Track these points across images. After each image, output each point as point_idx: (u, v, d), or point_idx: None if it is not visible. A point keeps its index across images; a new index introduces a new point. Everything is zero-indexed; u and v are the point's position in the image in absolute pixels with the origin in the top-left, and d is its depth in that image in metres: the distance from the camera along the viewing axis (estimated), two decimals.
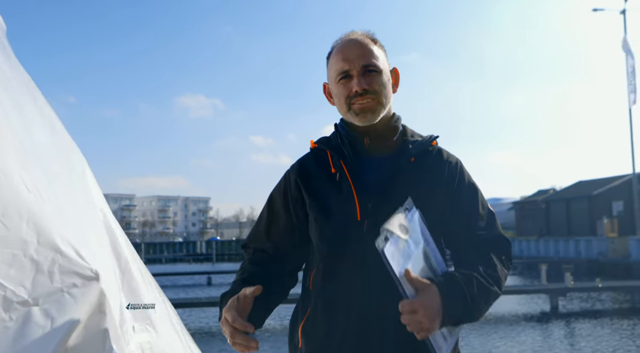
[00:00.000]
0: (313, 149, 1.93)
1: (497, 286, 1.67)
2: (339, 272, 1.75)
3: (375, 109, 1.79)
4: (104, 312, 1.13)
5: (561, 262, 30.18)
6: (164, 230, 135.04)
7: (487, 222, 1.80)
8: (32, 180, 1.28)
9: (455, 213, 1.78)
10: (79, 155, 1.70)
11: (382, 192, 1.74)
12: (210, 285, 29.63)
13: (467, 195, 1.82)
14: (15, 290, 1.08)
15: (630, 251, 31.00)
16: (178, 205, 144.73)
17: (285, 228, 1.89)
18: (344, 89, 1.80)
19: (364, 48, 1.81)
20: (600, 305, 19.15)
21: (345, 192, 1.77)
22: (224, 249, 68.05)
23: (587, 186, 45.46)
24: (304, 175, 1.86)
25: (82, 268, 1.15)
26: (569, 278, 18.38)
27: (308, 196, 1.83)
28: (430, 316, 1.50)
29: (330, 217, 1.78)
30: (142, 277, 1.56)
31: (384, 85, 1.81)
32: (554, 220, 47.07)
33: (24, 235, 1.14)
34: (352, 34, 1.86)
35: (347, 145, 1.83)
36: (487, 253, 1.72)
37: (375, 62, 1.80)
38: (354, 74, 1.78)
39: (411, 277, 1.52)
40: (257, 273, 1.84)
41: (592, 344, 12.44)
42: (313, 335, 1.79)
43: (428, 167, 1.80)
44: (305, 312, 1.82)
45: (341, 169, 1.80)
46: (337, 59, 1.82)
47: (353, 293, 1.70)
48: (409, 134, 1.87)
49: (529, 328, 14.76)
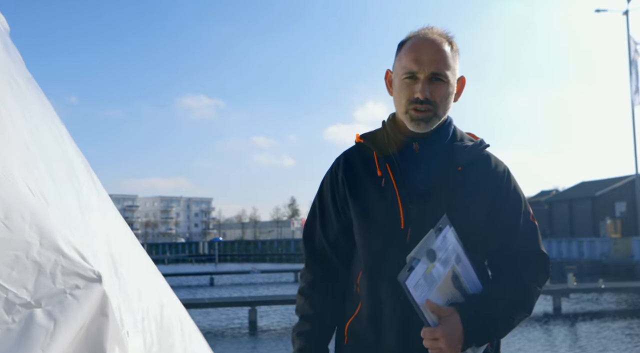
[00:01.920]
0: (358, 143, 1.87)
1: (525, 308, 1.70)
2: (384, 280, 1.74)
3: (430, 119, 1.74)
4: (106, 314, 1.13)
5: (564, 262, 30.17)
6: (167, 231, 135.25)
7: (528, 236, 1.78)
8: (36, 182, 1.28)
9: (498, 226, 1.76)
10: (80, 156, 1.70)
11: (426, 200, 1.72)
12: (212, 285, 29.66)
13: (512, 207, 1.79)
14: (17, 292, 1.08)
15: (633, 252, 30.95)
16: (180, 205, 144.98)
17: (337, 225, 1.87)
18: (407, 90, 1.74)
19: (439, 53, 1.73)
20: (603, 305, 19.12)
21: (390, 199, 1.74)
22: (226, 250, 68.17)
23: (590, 187, 45.40)
24: (350, 175, 1.83)
25: (84, 269, 1.15)
26: (572, 279, 18.37)
27: (352, 199, 1.81)
28: (451, 344, 1.55)
29: (374, 224, 1.76)
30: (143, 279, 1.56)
31: (445, 97, 1.75)
32: (556, 221, 47.01)
33: (26, 237, 1.14)
34: (431, 32, 1.78)
35: (394, 147, 1.79)
36: (522, 271, 1.72)
37: (445, 71, 1.73)
38: (421, 78, 1.71)
39: (432, 306, 1.56)
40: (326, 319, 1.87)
41: (595, 345, 12.42)
42: (360, 338, 1.80)
43: (475, 176, 1.77)
44: (353, 311, 1.82)
45: (387, 173, 1.76)
46: (408, 56, 1.74)
47: (397, 302, 1.70)
48: (458, 138, 1.82)
49: (532, 328, 14.74)
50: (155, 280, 1.83)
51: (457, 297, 1.63)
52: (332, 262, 1.88)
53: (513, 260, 1.74)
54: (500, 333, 1.69)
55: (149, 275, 1.81)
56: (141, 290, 1.50)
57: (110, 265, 1.34)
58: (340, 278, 1.88)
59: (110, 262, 1.35)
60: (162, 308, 1.63)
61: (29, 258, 1.10)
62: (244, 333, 14.85)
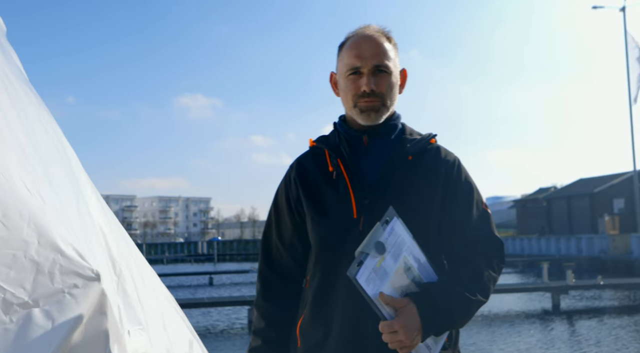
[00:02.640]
0: (312, 147, 1.93)
1: (482, 293, 1.68)
2: (336, 271, 1.74)
3: (379, 109, 1.79)
4: (105, 313, 1.13)
5: (563, 259, 30.19)
6: (165, 231, 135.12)
7: (481, 224, 1.80)
8: (33, 181, 1.27)
9: (450, 214, 1.78)
10: (75, 158, 1.70)
11: (378, 190, 1.75)
12: (212, 285, 29.64)
13: (463, 195, 1.82)
14: (15, 292, 1.07)
15: (632, 248, 30.99)
16: (179, 205, 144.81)
17: (292, 227, 1.89)
18: (353, 86, 1.79)
19: (379, 47, 1.80)
20: (602, 302, 19.14)
21: (342, 191, 1.77)
22: (225, 249, 68.08)
23: (588, 184, 45.45)
24: (303, 175, 1.87)
25: (82, 268, 1.15)
26: (570, 276, 18.39)
27: (305, 195, 1.84)
28: (410, 334, 1.54)
29: (326, 216, 1.78)
30: (141, 280, 1.56)
31: (391, 87, 1.81)
32: (555, 218, 47.06)
33: (24, 236, 1.14)
34: (368, 29, 1.84)
35: (344, 143, 1.83)
36: (477, 258, 1.73)
37: (387, 63, 1.79)
38: (365, 72, 1.78)
39: (386, 299, 1.54)
40: (278, 326, 1.86)
41: (594, 341, 12.44)
42: (310, 336, 1.79)
43: (426, 165, 1.80)
44: (302, 311, 1.82)
45: (338, 167, 1.80)
46: (349, 54, 1.80)
47: (349, 293, 1.69)
48: (407, 132, 1.87)
49: (531, 325, 14.76)
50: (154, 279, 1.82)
51: (412, 288, 1.61)
52: (289, 269, 1.90)
53: (467, 248, 1.75)
54: (458, 321, 1.65)
55: (147, 274, 1.81)
56: (141, 289, 1.49)
57: (109, 264, 1.34)
58: (297, 287, 1.88)
59: (109, 261, 1.35)
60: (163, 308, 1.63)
61: (27, 258, 1.10)
62: (243, 333, 14.84)
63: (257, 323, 1.90)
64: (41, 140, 1.52)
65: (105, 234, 1.48)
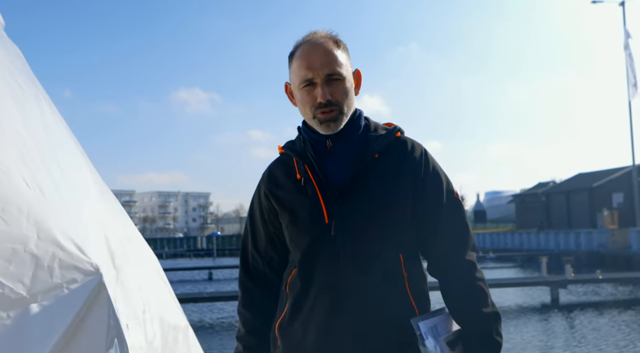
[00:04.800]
0: (281, 154, 1.94)
1: (492, 307, 1.78)
2: (313, 275, 1.78)
3: (338, 118, 1.79)
4: (104, 306, 1.13)
5: (561, 254, 30.24)
6: (165, 226, 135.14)
7: (451, 213, 1.83)
8: (32, 175, 1.27)
9: (423, 206, 1.81)
10: (79, 149, 1.70)
11: (346, 192, 1.76)
12: (211, 280, 29.67)
13: (434, 185, 1.83)
14: (13, 287, 1.07)
15: (631, 243, 31.02)
16: (178, 200, 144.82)
17: (266, 237, 1.93)
18: (308, 97, 1.79)
19: (328, 55, 1.78)
20: (601, 296, 19.18)
21: (311, 196, 1.79)
22: (224, 244, 68.09)
23: (587, 178, 45.46)
24: (273, 185, 1.89)
25: (82, 262, 1.15)
26: (569, 270, 18.41)
27: (278, 205, 1.86)
28: None
29: (299, 223, 1.80)
30: (140, 272, 1.56)
31: (346, 93, 1.80)
32: (554, 213, 47.10)
33: (24, 230, 1.14)
34: (315, 37, 1.83)
35: (310, 148, 1.84)
36: (464, 266, 1.79)
37: (339, 70, 1.78)
38: (318, 82, 1.77)
39: None
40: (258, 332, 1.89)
41: (593, 335, 12.47)
42: (289, 335, 1.82)
43: (393, 161, 1.81)
44: (282, 312, 1.85)
45: (306, 173, 1.81)
46: (300, 66, 1.79)
47: (325, 294, 1.74)
48: (372, 129, 1.87)
49: (530, 320, 14.79)
50: (156, 273, 1.82)
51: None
52: (266, 277, 1.94)
53: (444, 240, 1.80)
54: (499, 342, 1.76)
55: (149, 268, 1.80)
56: (141, 282, 1.49)
57: (109, 257, 1.34)
58: (275, 293, 1.92)
59: (108, 255, 1.35)
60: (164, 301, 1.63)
61: (27, 252, 1.10)
62: None
63: (239, 330, 1.96)
64: (43, 133, 1.51)
65: (106, 227, 1.48)
